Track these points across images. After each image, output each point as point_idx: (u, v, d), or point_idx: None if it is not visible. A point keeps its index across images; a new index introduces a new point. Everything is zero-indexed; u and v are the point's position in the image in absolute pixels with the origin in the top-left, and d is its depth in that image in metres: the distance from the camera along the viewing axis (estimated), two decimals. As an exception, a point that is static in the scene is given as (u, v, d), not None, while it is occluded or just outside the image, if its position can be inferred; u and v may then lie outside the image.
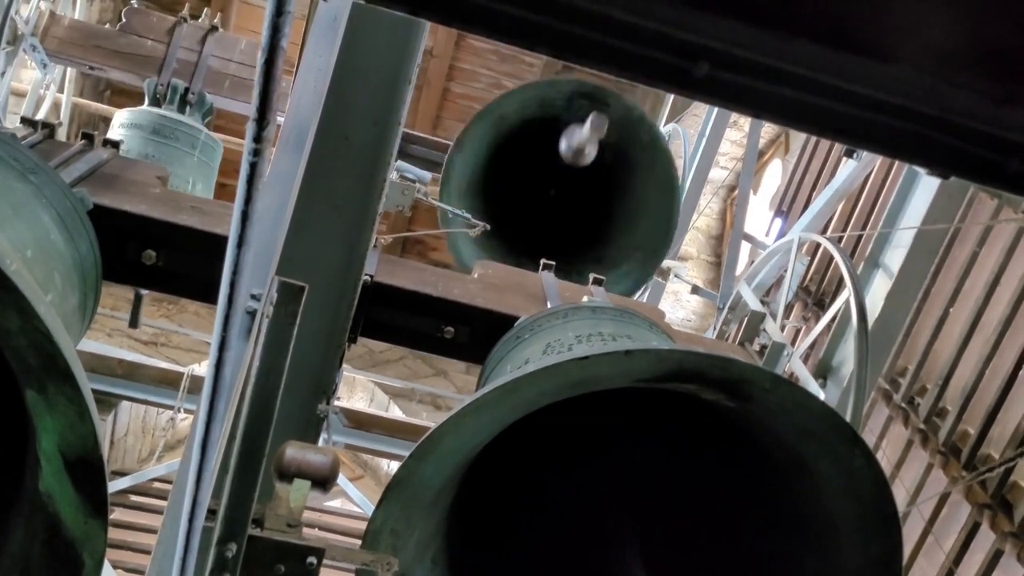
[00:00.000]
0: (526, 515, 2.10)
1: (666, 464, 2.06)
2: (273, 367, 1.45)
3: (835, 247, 3.22)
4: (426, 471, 1.58)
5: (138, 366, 5.47)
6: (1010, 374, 4.42)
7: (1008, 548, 4.03)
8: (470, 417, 1.52)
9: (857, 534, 1.62)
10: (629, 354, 1.45)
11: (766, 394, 1.50)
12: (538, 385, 1.49)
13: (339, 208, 2.08)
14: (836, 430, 1.51)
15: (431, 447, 1.55)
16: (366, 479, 8.20)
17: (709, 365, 1.48)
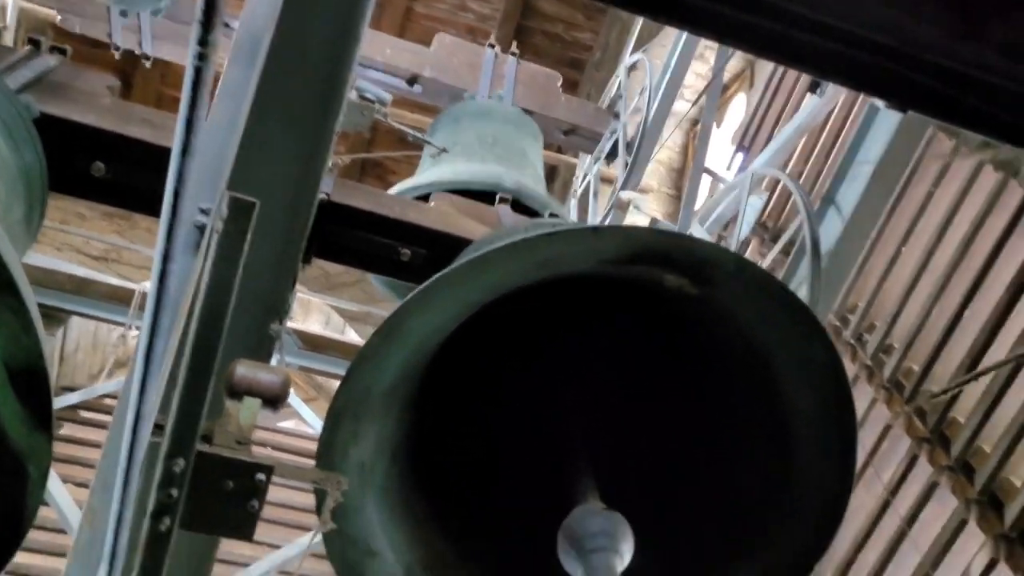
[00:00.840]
0: (484, 408, 2.08)
1: (623, 358, 2.06)
2: (222, 284, 1.43)
3: (792, 182, 3.23)
4: (389, 351, 1.56)
5: (88, 282, 5.39)
6: (955, 314, 4.53)
7: (943, 481, 4.17)
8: (436, 294, 1.50)
9: (813, 426, 1.62)
10: (596, 231, 1.47)
11: (729, 277, 1.49)
12: (506, 263, 1.47)
13: (294, 124, 2.03)
14: (797, 316, 1.51)
15: (397, 324, 1.52)
16: (320, 401, 8.22)
17: (675, 246, 1.47)
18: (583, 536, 1.56)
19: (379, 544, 1.76)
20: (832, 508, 1.69)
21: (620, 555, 1.54)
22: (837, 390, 1.57)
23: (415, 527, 1.85)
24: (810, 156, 6.54)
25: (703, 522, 1.87)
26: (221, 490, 1.56)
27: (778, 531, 1.75)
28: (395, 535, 1.80)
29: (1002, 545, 3.72)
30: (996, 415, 4.06)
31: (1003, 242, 4.34)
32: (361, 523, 1.73)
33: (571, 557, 1.56)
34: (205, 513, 1.60)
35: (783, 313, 1.52)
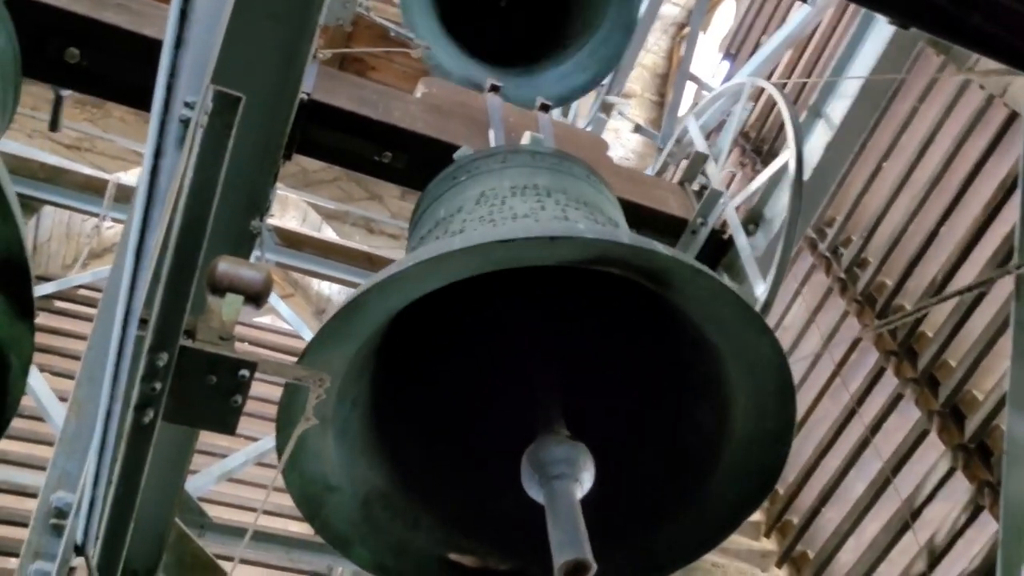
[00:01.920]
0: (449, 363, 2.14)
1: (589, 313, 2.13)
2: (207, 179, 1.41)
3: (780, 94, 3.20)
4: (348, 332, 1.61)
5: (61, 170, 5.28)
6: (932, 231, 4.57)
7: (908, 392, 4.27)
8: (393, 285, 1.54)
9: (756, 409, 1.74)
10: (554, 240, 1.50)
11: (685, 283, 1.58)
12: (462, 260, 1.52)
13: (277, 17, 1.97)
14: (748, 322, 1.61)
15: (354, 311, 1.57)
16: (296, 298, 8.23)
17: (632, 255, 1.53)
18: (547, 462, 1.64)
19: (338, 480, 1.84)
20: (765, 477, 1.82)
21: (580, 482, 1.63)
22: (781, 385, 1.69)
23: (374, 462, 1.93)
24: (795, 67, 6.47)
25: (654, 466, 1.98)
26: (204, 385, 1.57)
27: (716, 484, 1.87)
28: (354, 471, 1.87)
29: (960, 455, 3.84)
30: (964, 331, 4.14)
31: (983, 161, 4.35)
32: (320, 463, 1.80)
33: (534, 482, 1.64)
34: (188, 407, 1.61)
35: (735, 316, 1.61)
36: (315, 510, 1.84)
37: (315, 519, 1.85)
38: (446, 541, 1.98)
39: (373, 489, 1.92)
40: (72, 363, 5.81)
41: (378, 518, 1.91)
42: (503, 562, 1.97)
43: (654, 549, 1.96)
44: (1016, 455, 2.93)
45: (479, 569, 1.99)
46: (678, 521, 1.93)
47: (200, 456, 4.31)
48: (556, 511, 1.56)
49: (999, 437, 3.72)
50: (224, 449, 5.37)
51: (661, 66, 9.14)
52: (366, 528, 1.89)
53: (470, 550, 1.99)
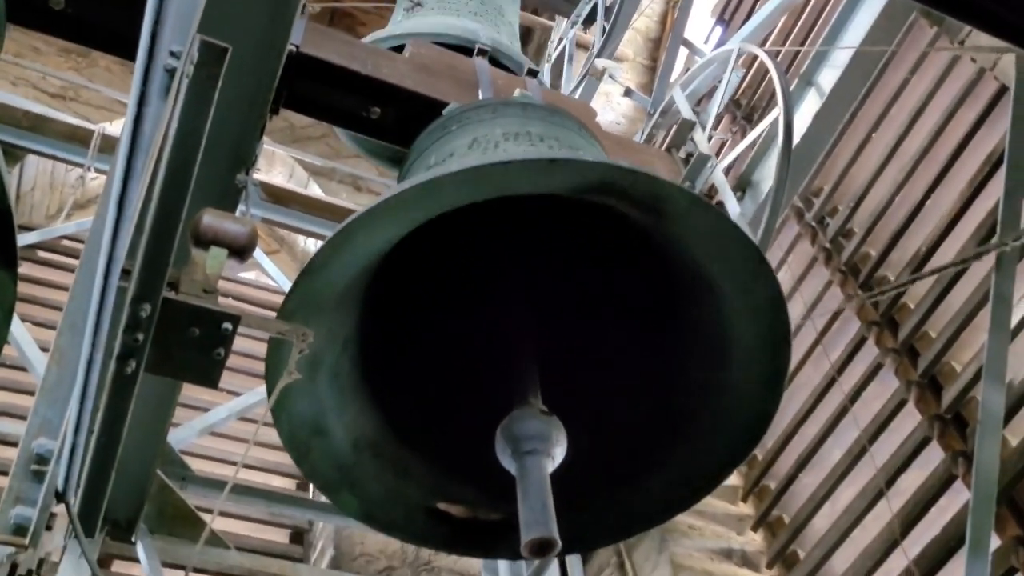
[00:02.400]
0: (437, 303, 2.13)
1: (575, 268, 2.11)
2: (192, 130, 1.40)
3: (772, 61, 3.19)
4: (339, 261, 1.58)
5: (45, 119, 5.23)
6: (918, 203, 4.58)
7: (888, 363, 4.32)
8: (386, 212, 1.51)
9: (748, 354, 1.71)
10: (553, 163, 1.46)
11: (683, 213, 1.53)
12: (459, 185, 1.48)
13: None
14: (745, 254, 1.57)
15: (344, 239, 1.55)
16: (282, 254, 8.20)
17: (631, 181, 1.49)
18: (519, 438, 1.65)
19: (327, 424, 1.83)
20: (755, 429, 1.81)
21: (552, 457, 1.64)
22: (777, 325, 1.65)
23: (364, 407, 1.92)
24: (789, 35, 6.43)
25: (638, 423, 1.98)
26: (187, 337, 1.57)
27: (705, 439, 1.87)
28: (343, 415, 1.87)
29: (936, 425, 3.89)
30: (945, 303, 4.17)
31: (972, 134, 4.36)
32: (310, 405, 1.79)
33: (507, 456, 1.66)
34: (170, 358, 1.62)
35: (733, 250, 1.57)
36: (303, 453, 1.82)
37: (303, 462, 1.83)
38: (435, 491, 1.97)
39: (363, 435, 1.90)
40: (54, 313, 5.79)
41: (367, 465, 1.90)
42: (491, 512, 1.97)
43: (638, 502, 1.96)
44: (989, 426, 2.98)
45: (467, 519, 1.99)
46: (664, 474, 1.92)
47: (183, 409, 4.33)
48: (526, 488, 1.57)
49: (974, 408, 3.77)
50: (207, 403, 5.39)
51: (654, 30, 9.08)
52: (355, 475, 1.88)
53: (459, 500, 1.99)
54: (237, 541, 4.55)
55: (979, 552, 2.84)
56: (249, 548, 4.74)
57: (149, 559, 3.65)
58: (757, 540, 4.78)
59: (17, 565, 1.72)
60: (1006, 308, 3.06)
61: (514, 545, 1.60)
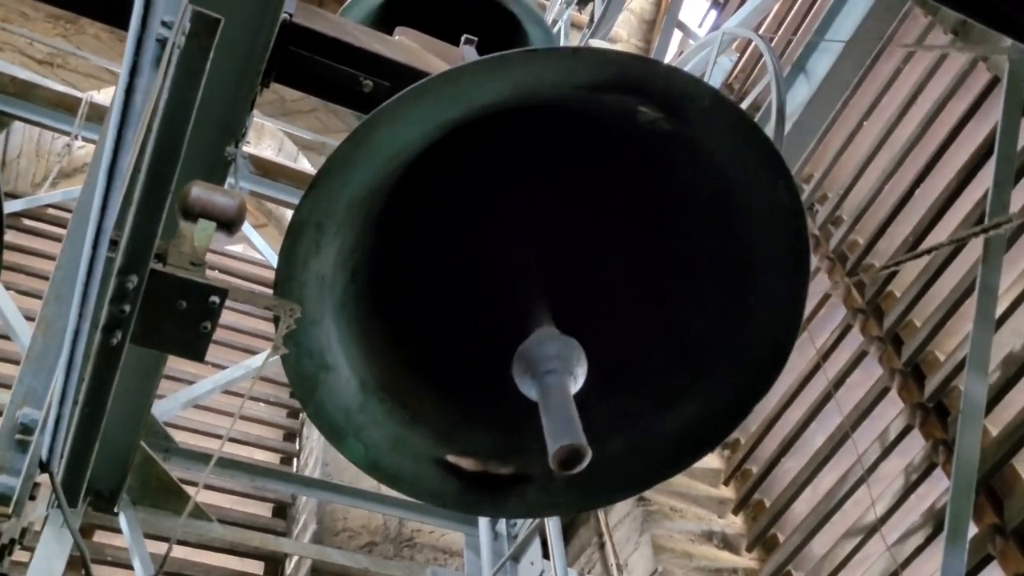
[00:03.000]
0: (446, 233, 2.06)
1: (587, 193, 2.04)
2: (183, 101, 1.39)
3: (765, 45, 3.19)
4: (358, 161, 1.54)
5: (32, 85, 5.17)
6: (906, 192, 4.59)
7: (872, 350, 4.34)
8: (408, 107, 1.47)
9: (768, 271, 1.66)
10: (576, 52, 1.43)
11: (704, 113, 1.49)
12: (481, 81, 1.44)
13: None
14: (766, 157, 1.52)
15: (365, 134, 1.50)
16: (270, 228, 8.17)
17: (653, 74, 1.46)
18: (539, 358, 1.60)
19: (334, 359, 1.77)
20: (775, 354, 1.75)
21: (574, 376, 1.58)
22: (796, 237, 1.60)
23: (372, 344, 1.85)
24: (783, 21, 6.42)
25: (653, 355, 1.92)
26: (174, 309, 1.56)
27: (723, 370, 1.81)
28: (351, 351, 1.79)
29: (918, 413, 3.92)
30: (931, 292, 4.19)
31: (962, 125, 4.37)
32: (318, 336, 1.72)
33: (527, 377, 1.60)
34: (157, 331, 1.61)
35: (752, 153, 1.52)
36: (310, 391, 1.75)
37: (309, 400, 1.76)
38: (444, 442, 1.90)
39: (370, 377, 1.84)
40: (39, 282, 5.76)
41: (374, 410, 1.83)
42: (503, 466, 1.92)
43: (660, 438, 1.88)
44: (971, 415, 3.01)
45: (478, 472, 1.93)
46: (681, 412, 1.86)
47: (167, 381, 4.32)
48: (549, 403, 1.52)
49: (957, 398, 3.80)
50: (192, 375, 5.38)
51: (649, 12, 9.04)
52: (362, 419, 1.81)
53: (469, 452, 1.92)
54: (220, 514, 4.56)
55: (957, 539, 2.87)
56: (232, 521, 4.76)
57: (131, 530, 3.66)
58: (738, 523, 4.82)
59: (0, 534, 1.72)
60: (992, 299, 3.08)
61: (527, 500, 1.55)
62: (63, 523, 2.81)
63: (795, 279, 1.66)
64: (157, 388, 3.34)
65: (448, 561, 4.87)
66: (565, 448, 1.39)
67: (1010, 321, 3.64)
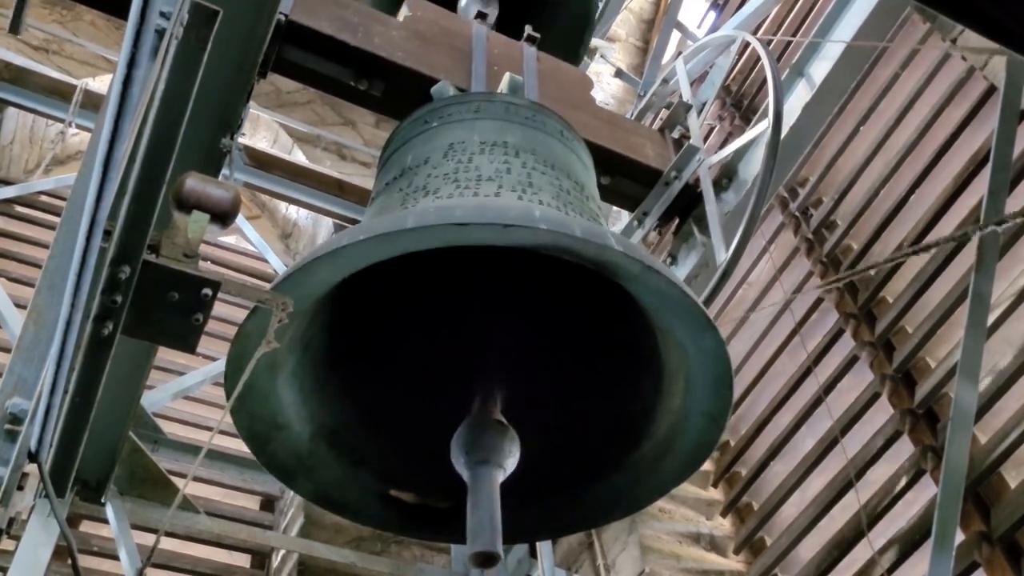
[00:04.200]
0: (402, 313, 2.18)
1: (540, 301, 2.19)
2: (179, 92, 1.38)
3: (763, 48, 3.18)
4: (299, 291, 1.63)
5: (27, 72, 5.14)
6: (901, 198, 4.60)
7: (864, 355, 4.35)
8: (344, 254, 1.59)
9: (696, 391, 1.83)
10: (507, 228, 1.55)
11: (635, 276, 1.64)
12: (416, 237, 1.58)
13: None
14: (695, 317, 1.69)
15: (303, 275, 1.62)
16: (263, 220, 8.14)
17: (583, 247, 1.58)
18: (472, 448, 1.72)
19: (286, 419, 1.90)
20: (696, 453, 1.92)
21: (503, 468, 1.71)
22: (721, 374, 1.77)
23: (323, 401, 1.99)
24: (782, 24, 6.42)
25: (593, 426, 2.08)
26: (166, 301, 1.56)
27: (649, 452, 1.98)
28: (302, 410, 1.93)
29: (908, 419, 3.93)
30: (923, 299, 4.20)
31: (958, 133, 4.38)
32: (268, 405, 1.86)
33: (460, 463, 1.73)
34: (148, 322, 1.60)
35: (684, 310, 1.69)
36: (262, 446, 1.90)
37: (261, 454, 1.91)
38: (389, 478, 2.05)
39: (321, 427, 1.98)
40: (29, 269, 5.73)
41: (323, 454, 1.98)
42: (442, 501, 2.06)
43: (585, 503, 2.07)
44: (960, 422, 3.02)
45: (419, 506, 2.08)
46: (611, 480, 2.03)
47: (157, 372, 4.31)
48: (476, 498, 1.64)
49: (946, 404, 3.81)
50: (182, 366, 5.36)
51: (648, 11, 9.03)
52: (311, 463, 1.97)
53: (411, 488, 2.08)
54: (207, 506, 4.55)
55: (944, 546, 2.88)
56: (219, 514, 4.74)
57: (118, 520, 3.65)
58: (726, 525, 4.82)
59: (-13, 524, 1.71)
60: (983, 307, 3.08)
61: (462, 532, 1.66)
62: (50, 512, 2.79)
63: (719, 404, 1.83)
64: (147, 379, 3.33)
65: (435, 558, 4.87)
66: (481, 554, 1.54)
67: (1001, 329, 3.66)
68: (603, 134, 2.90)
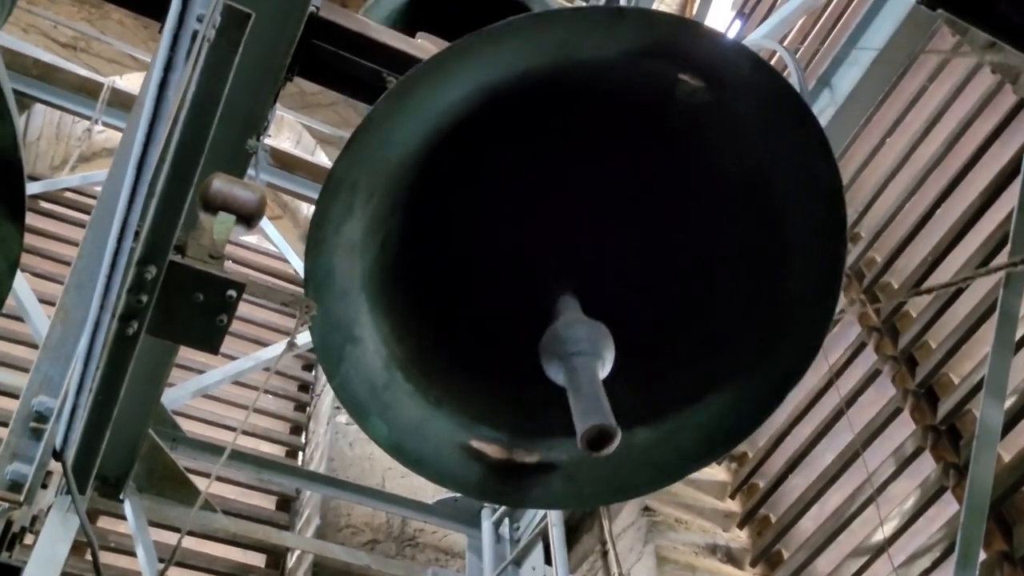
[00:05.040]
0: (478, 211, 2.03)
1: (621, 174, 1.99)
2: (210, 94, 1.38)
3: (791, 57, 3.16)
4: (396, 119, 1.53)
5: (55, 69, 5.19)
6: (927, 211, 4.55)
7: (886, 370, 4.31)
8: (450, 63, 1.46)
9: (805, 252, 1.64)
10: (622, 12, 1.46)
11: (744, 81, 1.47)
12: (525, 38, 1.44)
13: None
14: (806, 128, 1.50)
15: (405, 91, 1.50)
16: (285, 220, 8.18)
17: (693, 40, 1.44)
18: (567, 340, 1.58)
19: (361, 331, 1.74)
20: (810, 340, 1.74)
21: (602, 361, 1.57)
22: (833, 214, 1.57)
23: (398, 321, 1.82)
24: (808, 35, 6.38)
25: (681, 345, 1.89)
26: (191, 301, 1.56)
27: (751, 364, 1.80)
28: (378, 325, 1.77)
29: (930, 435, 3.89)
30: (948, 315, 4.16)
31: (987, 146, 4.33)
32: (346, 308, 1.71)
33: (554, 360, 1.58)
34: (173, 322, 1.61)
35: (792, 124, 1.50)
36: (336, 363, 1.73)
37: (335, 373, 1.74)
38: (468, 427, 1.87)
39: (396, 355, 1.81)
40: (54, 265, 5.78)
41: (399, 389, 1.80)
42: (528, 455, 1.88)
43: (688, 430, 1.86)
44: (986, 440, 2.98)
45: (503, 460, 1.89)
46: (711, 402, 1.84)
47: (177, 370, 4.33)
48: (577, 384, 1.51)
49: (970, 421, 3.77)
50: (201, 365, 5.39)
51: (672, 19, 9.02)
52: (386, 397, 1.79)
53: (494, 439, 1.89)
54: (224, 505, 4.57)
55: (968, 564, 2.84)
56: (235, 513, 4.76)
57: (136, 517, 3.67)
58: (742, 537, 4.79)
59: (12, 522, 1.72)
60: (1011, 325, 3.04)
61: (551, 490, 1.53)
62: (69, 508, 2.81)
63: (832, 262, 1.63)
64: (168, 377, 3.34)
65: (449, 562, 4.86)
66: (595, 428, 1.37)
67: (1028, 347, 3.61)
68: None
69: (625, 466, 1.84)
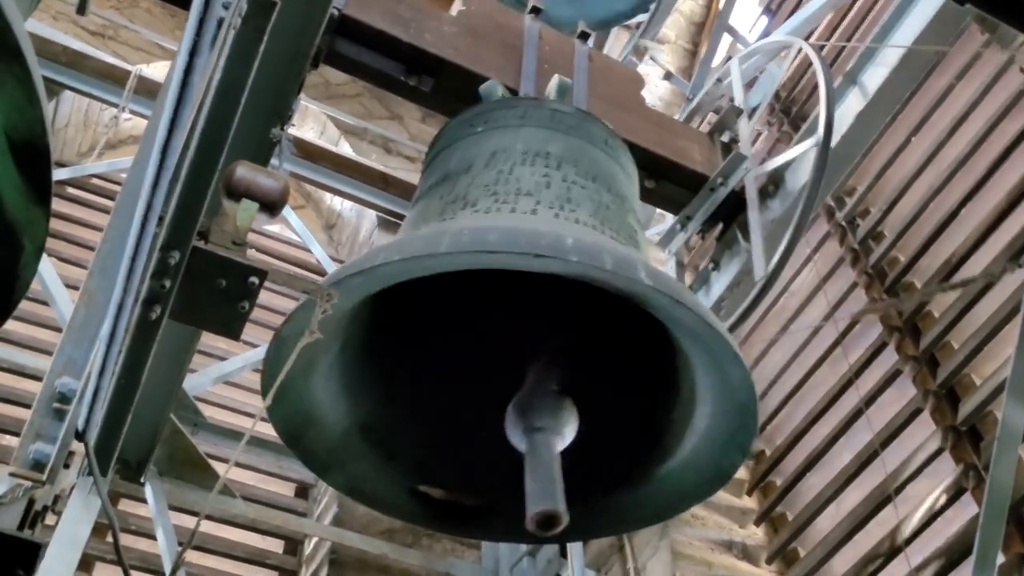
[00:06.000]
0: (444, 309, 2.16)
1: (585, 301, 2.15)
2: (235, 81, 1.40)
3: (817, 55, 3.14)
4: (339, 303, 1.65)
5: (83, 56, 5.24)
6: (952, 211, 4.52)
7: (907, 370, 4.28)
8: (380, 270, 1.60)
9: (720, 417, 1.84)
10: (538, 258, 1.56)
11: (665, 308, 1.65)
12: (450, 259, 1.60)
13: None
14: (723, 349, 1.68)
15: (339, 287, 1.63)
16: (307, 210, 8.21)
17: (611, 279, 1.59)
18: (532, 413, 1.70)
19: (320, 413, 1.92)
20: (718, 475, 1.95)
21: (562, 436, 1.68)
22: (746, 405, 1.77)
23: (359, 397, 2.00)
24: (835, 31, 6.34)
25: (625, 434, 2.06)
26: (213, 287, 1.58)
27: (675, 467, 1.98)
28: (336, 406, 1.95)
29: (950, 436, 3.86)
30: (970, 315, 4.13)
31: (1014, 146, 4.29)
32: (304, 401, 1.88)
33: (517, 431, 1.70)
34: (195, 307, 1.63)
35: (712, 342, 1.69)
36: (296, 440, 1.94)
37: (296, 447, 1.95)
38: (419, 473, 2.07)
39: (354, 422, 2.00)
40: (79, 250, 5.83)
41: (356, 448, 2.01)
42: (471, 498, 2.07)
43: (608, 510, 2.07)
44: (1007, 442, 2.95)
45: (448, 502, 2.09)
46: (635, 491, 2.03)
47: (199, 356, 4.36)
48: (535, 462, 1.60)
49: (991, 423, 3.74)
50: (223, 351, 5.43)
51: (699, 14, 8.96)
52: (343, 456, 2.00)
53: (441, 484, 2.09)
54: (243, 491, 4.61)
55: (986, 567, 2.82)
56: (254, 499, 4.80)
57: (157, 501, 3.71)
58: (759, 535, 4.78)
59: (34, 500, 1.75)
60: (1034, 326, 3.01)
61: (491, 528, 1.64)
62: (91, 490, 2.84)
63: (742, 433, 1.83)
64: (190, 363, 3.37)
65: (466, 553, 4.88)
66: (544, 513, 1.46)
67: (1051, 349, 3.57)
68: (651, 137, 2.88)
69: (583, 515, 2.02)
